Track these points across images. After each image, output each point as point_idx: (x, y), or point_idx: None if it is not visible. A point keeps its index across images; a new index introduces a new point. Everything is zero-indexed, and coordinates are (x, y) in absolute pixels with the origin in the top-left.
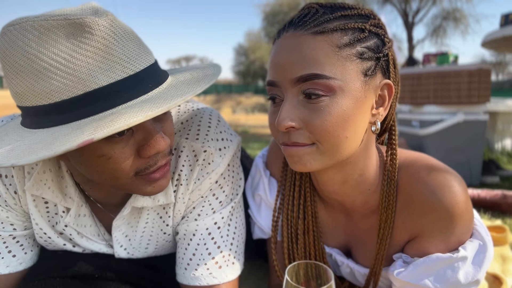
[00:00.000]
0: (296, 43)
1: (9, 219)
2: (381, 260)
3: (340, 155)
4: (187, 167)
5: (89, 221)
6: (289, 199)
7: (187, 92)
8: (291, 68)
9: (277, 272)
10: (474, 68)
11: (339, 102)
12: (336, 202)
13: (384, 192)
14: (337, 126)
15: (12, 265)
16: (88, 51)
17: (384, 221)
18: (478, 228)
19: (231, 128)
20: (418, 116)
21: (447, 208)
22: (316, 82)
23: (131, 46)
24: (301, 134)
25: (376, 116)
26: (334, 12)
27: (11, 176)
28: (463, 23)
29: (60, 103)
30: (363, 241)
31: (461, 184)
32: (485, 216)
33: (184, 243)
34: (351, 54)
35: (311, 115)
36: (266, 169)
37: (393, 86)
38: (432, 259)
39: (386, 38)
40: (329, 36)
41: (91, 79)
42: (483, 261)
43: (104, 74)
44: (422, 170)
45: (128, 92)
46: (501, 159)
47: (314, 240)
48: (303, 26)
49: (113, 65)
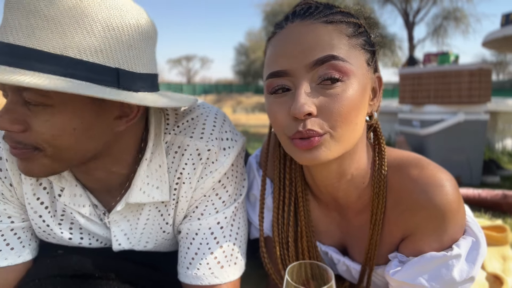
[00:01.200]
0: (308, 30)
1: (6, 211)
2: (373, 254)
3: (351, 142)
4: (190, 166)
5: (85, 201)
6: (279, 197)
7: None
8: (305, 53)
9: (269, 271)
10: (474, 67)
11: (353, 86)
12: (330, 198)
13: (375, 183)
14: (352, 110)
15: (10, 258)
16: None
17: (375, 213)
18: (471, 224)
19: None
20: (418, 115)
21: (438, 207)
22: (333, 64)
23: (17, 20)
24: (315, 121)
25: (372, 107)
26: (332, 8)
27: (5, 170)
28: (463, 23)
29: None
30: (357, 238)
31: (451, 182)
32: (485, 216)
33: (186, 242)
34: (357, 43)
35: (328, 101)
36: (260, 169)
37: (382, 79)
38: (426, 258)
39: (374, 36)
40: (338, 26)
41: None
42: (476, 258)
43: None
44: (413, 168)
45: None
46: (502, 159)
47: (307, 238)
48: (311, 16)
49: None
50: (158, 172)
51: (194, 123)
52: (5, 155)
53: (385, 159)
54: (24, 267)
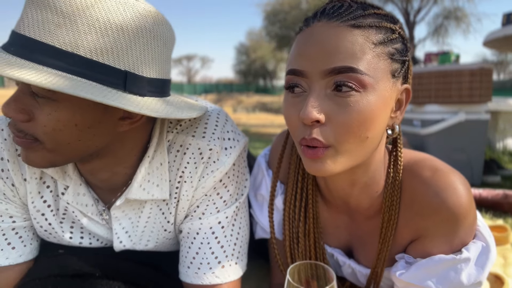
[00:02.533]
0: (331, 33)
1: (8, 211)
2: (383, 261)
3: (361, 156)
4: (191, 164)
5: (88, 200)
6: (291, 198)
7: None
8: (324, 58)
9: (280, 267)
10: (475, 67)
11: (369, 99)
12: (341, 202)
13: (387, 194)
14: (363, 124)
15: (11, 257)
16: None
17: (386, 222)
18: (481, 229)
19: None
20: (419, 115)
21: (451, 210)
22: (350, 76)
23: (35, 13)
24: (323, 130)
25: (393, 119)
26: (366, 9)
27: (7, 170)
28: (464, 22)
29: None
30: (366, 241)
31: (465, 185)
32: (486, 215)
33: (187, 242)
34: (384, 53)
35: (338, 110)
36: (269, 169)
37: (411, 91)
38: (435, 260)
39: (409, 44)
40: (366, 31)
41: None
42: (486, 263)
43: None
44: (425, 171)
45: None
46: (503, 158)
47: (315, 240)
48: (338, 17)
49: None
50: (159, 170)
51: (196, 122)
52: (6, 156)
53: (400, 171)
54: (25, 266)
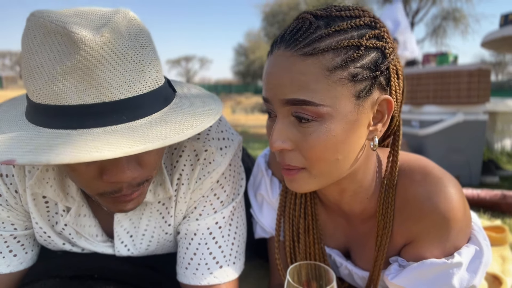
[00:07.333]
0: (286, 64)
1: (10, 218)
2: (380, 266)
3: (333, 176)
4: (188, 167)
5: (89, 222)
6: (291, 198)
7: (159, 138)
8: (281, 89)
9: (279, 271)
10: (473, 68)
11: (328, 127)
12: (336, 207)
13: (381, 199)
14: (327, 150)
15: (13, 264)
16: (67, 66)
17: (382, 228)
18: (476, 233)
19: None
20: (417, 116)
21: (443, 214)
22: (304, 108)
23: (120, 72)
24: (294, 155)
25: (374, 133)
26: (328, 26)
27: (11, 175)
28: (463, 23)
29: (37, 104)
30: (362, 244)
31: (457, 189)
32: (484, 216)
33: (185, 243)
34: (343, 77)
35: (302, 137)
36: (268, 169)
37: (392, 101)
38: (426, 264)
39: (388, 49)
40: (320, 58)
41: (63, 95)
42: (479, 267)
43: (77, 94)
44: (417, 174)
45: (96, 119)
46: (501, 159)
47: (315, 241)
48: (294, 45)
49: (88, 88)
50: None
51: None
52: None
53: (395, 179)
54: (25, 271)
